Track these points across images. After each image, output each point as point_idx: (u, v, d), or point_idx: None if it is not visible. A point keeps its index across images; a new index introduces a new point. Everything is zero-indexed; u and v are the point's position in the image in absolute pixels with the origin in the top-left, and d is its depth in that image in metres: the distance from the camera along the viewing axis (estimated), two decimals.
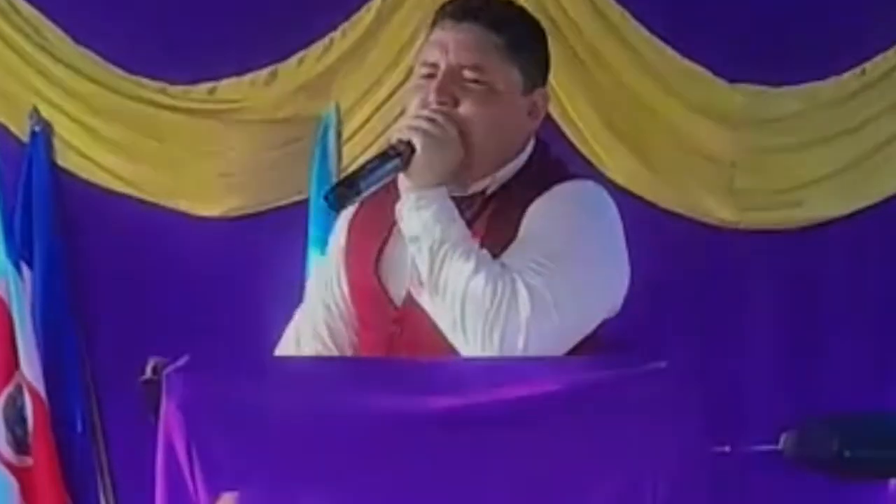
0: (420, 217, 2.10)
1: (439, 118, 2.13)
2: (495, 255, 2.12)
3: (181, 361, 1.90)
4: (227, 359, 2.10)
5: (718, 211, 4.68)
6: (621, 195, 4.62)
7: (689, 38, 4.68)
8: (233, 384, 1.90)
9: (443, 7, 2.25)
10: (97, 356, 4.54)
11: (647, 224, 4.64)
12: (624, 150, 4.66)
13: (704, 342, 4.63)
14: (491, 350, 2.05)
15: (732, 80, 4.70)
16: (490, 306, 2.05)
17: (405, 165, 2.12)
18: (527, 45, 2.27)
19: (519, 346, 2.05)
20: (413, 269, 2.15)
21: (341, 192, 2.10)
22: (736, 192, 4.68)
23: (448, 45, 2.19)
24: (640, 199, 4.63)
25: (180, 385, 1.87)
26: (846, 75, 4.72)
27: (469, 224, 2.15)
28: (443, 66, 2.18)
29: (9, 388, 4.31)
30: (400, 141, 2.12)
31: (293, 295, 2.79)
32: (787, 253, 4.70)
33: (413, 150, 2.11)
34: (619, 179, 4.62)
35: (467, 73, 2.18)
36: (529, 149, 2.28)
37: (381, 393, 1.89)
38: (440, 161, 2.13)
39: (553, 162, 2.31)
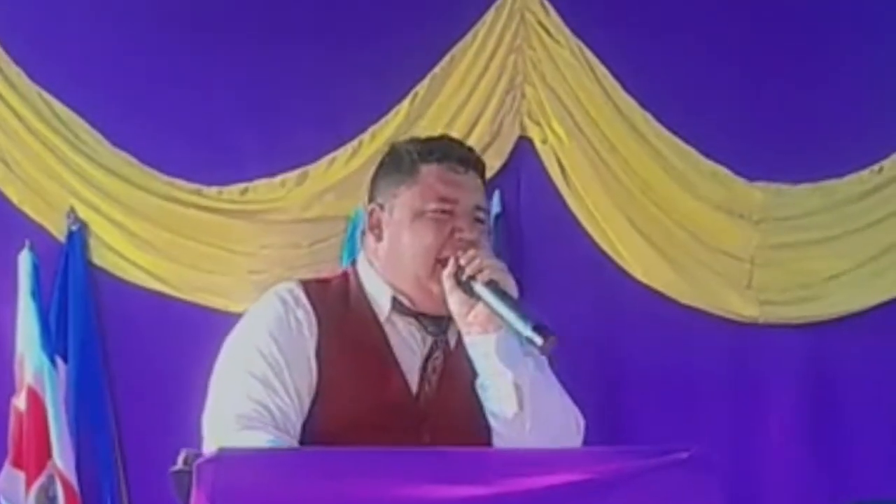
0: (512, 353, 2.35)
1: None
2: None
3: (212, 453, 1.94)
4: (256, 450, 2.13)
5: (738, 306, 4.72)
6: (642, 291, 4.70)
7: (709, 138, 4.76)
8: (263, 476, 1.91)
9: (443, 149, 2.50)
10: (129, 447, 4.60)
11: (667, 319, 4.71)
12: (645, 247, 4.71)
13: (726, 434, 4.66)
14: None
15: (751, 179, 4.77)
16: (577, 426, 2.43)
17: None
18: None
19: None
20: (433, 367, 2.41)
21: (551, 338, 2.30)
22: (755, 287, 4.73)
23: (464, 188, 2.46)
24: (660, 294, 4.70)
25: (211, 476, 1.89)
26: (864, 173, 4.79)
27: (456, 344, 2.43)
28: (462, 205, 2.44)
29: (42, 479, 4.35)
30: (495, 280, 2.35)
31: None
32: (807, 347, 4.74)
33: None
34: (640, 276, 4.70)
35: (478, 214, 2.46)
36: None
37: (410, 483, 1.92)
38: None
39: None
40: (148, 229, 4.67)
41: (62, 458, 4.34)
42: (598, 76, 4.76)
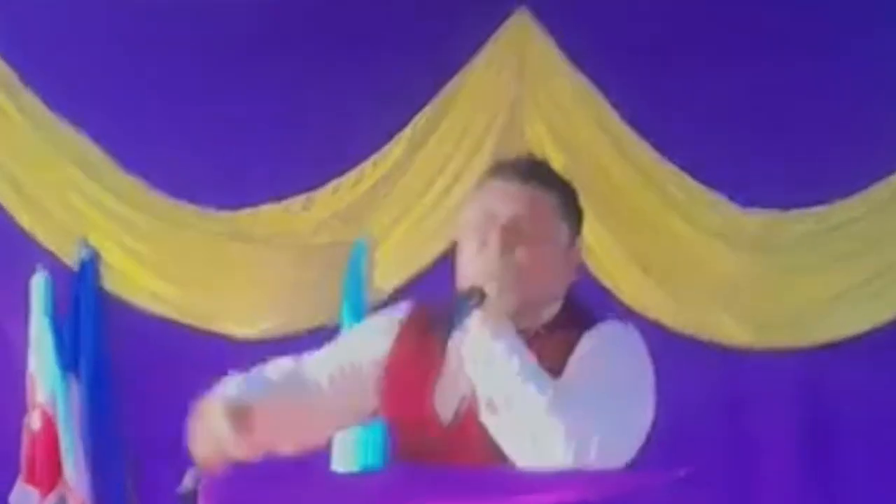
0: (498, 347, 2.31)
1: (503, 265, 2.39)
2: None
3: (220, 472, 2.01)
4: (264, 471, 2.17)
5: (735, 332, 4.74)
6: (638, 319, 4.71)
7: (705, 165, 4.79)
8: (270, 495, 1.96)
9: (506, 164, 2.52)
10: (140, 466, 4.63)
11: (661, 345, 4.73)
12: (641, 275, 4.75)
13: (720, 461, 4.68)
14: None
15: (747, 205, 4.81)
16: (567, 434, 2.24)
17: (478, 306, 2.36)
18: (573, 205, 2.53)
19: (592, 457, 2.25)
20: (473, 393, 2.34)
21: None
22: (750, 313, 4.75)
23: (515, 199, 2.43)
24: (656, 323, 4.67)
25: (218, 495, 1.95)
26: (855, 198, 4.82)
27: None
28: (508, 215, 2.42)
29: (53, 497, 4.42)
30: (474, 287, 2.36)
31: None
32: (802, 372, 4.75)
33: (484, 295, 2.35)
34: (636, 304, 4.71)
35: (528, 226, 2.42)
36: (563, 295, 2.52)
37: (412, 502, 1.96)
38: (506, 303, 2.37)
39: (582, 306, 2.54)
40: (157, 254, 4.73)
41: (74, 475, 4.41)
42: (597, 108, 4.79)
